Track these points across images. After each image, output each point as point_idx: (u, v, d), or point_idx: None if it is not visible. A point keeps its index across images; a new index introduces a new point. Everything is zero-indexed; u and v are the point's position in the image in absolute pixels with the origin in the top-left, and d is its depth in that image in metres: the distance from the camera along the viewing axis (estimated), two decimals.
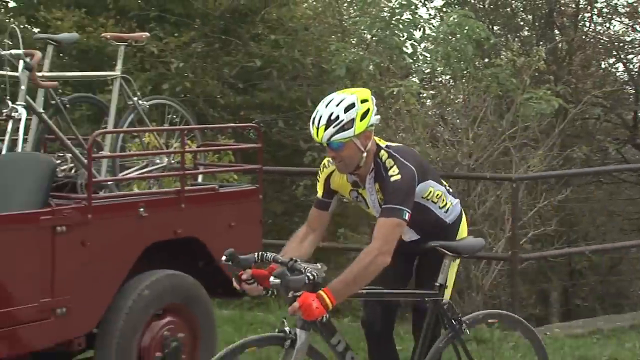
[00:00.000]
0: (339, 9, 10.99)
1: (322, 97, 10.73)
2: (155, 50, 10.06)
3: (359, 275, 3.53)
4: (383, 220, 3.63)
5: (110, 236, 4.54)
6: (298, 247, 3.84)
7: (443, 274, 3.91)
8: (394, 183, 3.68)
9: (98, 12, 10.79)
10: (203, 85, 10.42)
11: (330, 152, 3.72)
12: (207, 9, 10.89)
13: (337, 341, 3.70)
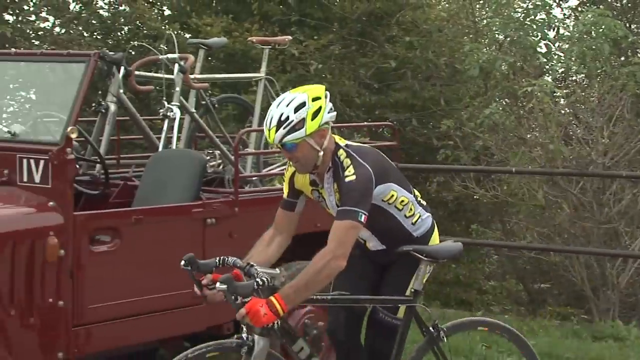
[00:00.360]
0: (473, 11, 10.81)
1: (455, 96, 10.68)
2: (295, 53, 10.20)
3: (311, 280, 3.29)
4: (337, 223, 3.37)
5: (255, 228, 4.61)
6: (264, 250, 3.57)
7: (418, 279, 3.62)
8: (349, 184, 3.41)
9: (244, 18, 11.03)
10: (340, 86, 10.48)
11: (285, 153, 3.49)
12: (344, 13, 10.96)
13: (300, 348, 3.50)
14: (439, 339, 3.70)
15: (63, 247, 3.98)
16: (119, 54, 4.98)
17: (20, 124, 4.49)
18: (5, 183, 4.13)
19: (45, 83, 4.88)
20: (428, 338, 3.69)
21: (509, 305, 9.15)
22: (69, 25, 10.31)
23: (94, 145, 4.79)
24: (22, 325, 3.88)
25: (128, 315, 4.21)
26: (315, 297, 3.47)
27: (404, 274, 3.72)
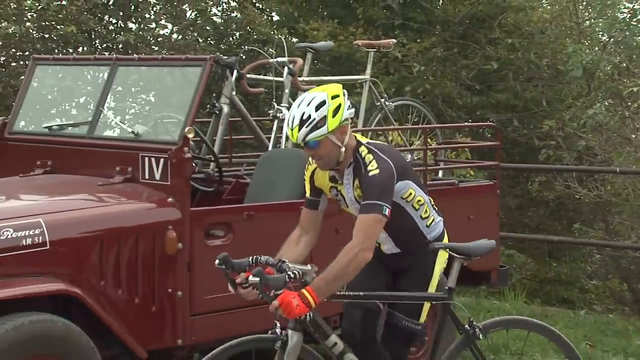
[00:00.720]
0: (576, 12, 10.51)
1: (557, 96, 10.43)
2: (398, 55, 10.16)
3: (340, 272, 3.28)
4: (363, 217, 3.36)
5: None
6: (293, 249, 3.55)
7: (452, 277, 3.52)
8: (372, 178, 3.38)
9: (349, 22, 11.06)
10: (442, 87, 10.38)
11: (308, 151, 3.46)
12: (447, 16, 10.84)
13: (333, 343, 3.42)
14: (476, 336, 3.59)
15: (181, 241, 4.08)
16: (232, 58, 5.07)
17: (142, 124, 4.63)
18: (129, 180, 4.26)
19: (164, 86, 5.01)
20: (464, 336, 3.60)
21: (613, 304, 8.85)
22: (185, 32, 10.57)
23: (208, 144, 4.89)
24: (145, 313, 4.00)
25: (239, 307, 4.28)
26: (348, 293, 3.45)
27: (418, 279, 3.64)
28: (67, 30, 9.29)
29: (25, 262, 3.70)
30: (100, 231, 3.94)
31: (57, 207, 4.01)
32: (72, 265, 3.84)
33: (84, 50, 9.93)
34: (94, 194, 4.21)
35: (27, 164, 4.65)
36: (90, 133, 4.54)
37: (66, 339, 3.59)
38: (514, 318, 4.09)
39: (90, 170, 4.42)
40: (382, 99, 6.14)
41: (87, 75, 5.27)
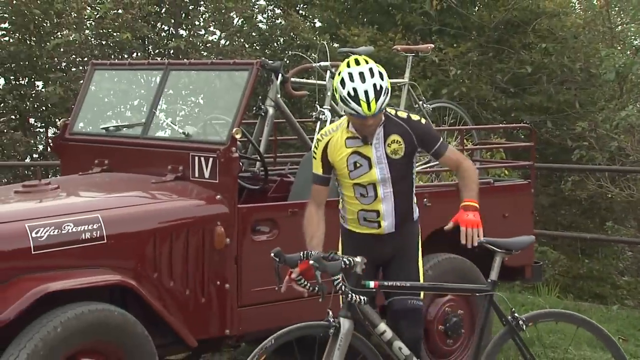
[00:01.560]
0: (609, 17, 10.33)
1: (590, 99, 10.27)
2: (436, 60, 10.09)
3: (477, 182, 3.62)
4: (449, 151, 3.64)
5: None
6: (321, 227, 3.61)
7: (494, 270, 3.53)
8: (425, 125, 3.63)
9: (388, 28, 11.02)
10: (477, 90, 10.29)
11: (369, 120, 3.46)
12: (482, 22, 10.75)
13: (383, 330, 3.43)
14: (519, 328, 3.57)
15: (229, 236, 4.11)
16: (277, 63, 5.08)
17: (192, 126, 4.66)
18: (180, 178, 4.30)
19: (213, 89, 5.04)
20: (507, 328, 3.57)
21: None
22: (232, 38, 10.63)
23: (255, 144, 4.90)
24: (195, 304, 4.04)
25: (285, 299, 4.28)
26: (394, 284, 3.50)
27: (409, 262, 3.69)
28: (123, 37, 9.41)
29: (84, 254, 3.76)
30: (153, 226, 3.98)
31: (113, 203, 4.06)
32: (127, 258, 3.88)
33: (138, 56, 10.04)
34: (147, 191, 4.25)
35: (86, 162, 4.71)
36: (143, 134, 4.59)
37: (122, 327, 3.63)
38: (558, 311, 4.06)
39: (143, 168, 4.47)
40: (420, 102, 6.10)
41: (141, 79, 5.33)
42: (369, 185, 3.62)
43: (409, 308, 3.67)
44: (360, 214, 3.69)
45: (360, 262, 3.35)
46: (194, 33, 10.41)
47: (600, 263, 9.73)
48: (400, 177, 3.64)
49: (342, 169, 3.63)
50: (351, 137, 3.61)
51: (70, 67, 9.70)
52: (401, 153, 3.60)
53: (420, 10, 10.67)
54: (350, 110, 3.47)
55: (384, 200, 3.63)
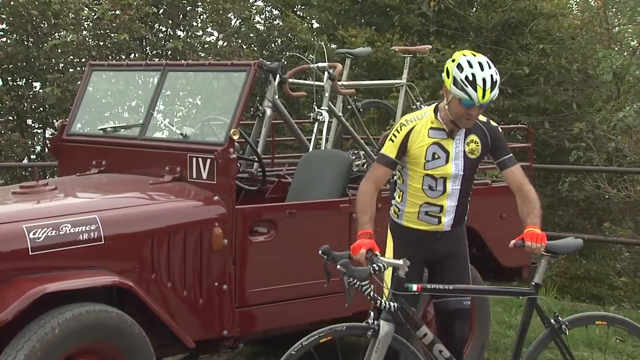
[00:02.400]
0: (606, 18, 10.35)
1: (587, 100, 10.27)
2: (433, 61, 10.10)
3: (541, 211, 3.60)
4: (516, 167, 3.66)
5: None
6: (374, 207, 3.62)
7: (539, 273, 3.53)
8: (501, 132, 3.67)
9: (385, 29, 11.02)
10: None
11: (475, 111, 3.52)
12: (480, 23, 10.75)
13: (424, 333, 3.44)
14: (561, 331, 3.58)
15: (226, 237, 4.10)
16: (275, 64, 5.08)
17: (190, 127, 4.66)
18: (177, 179, 4.29)
19: (211, 90, 5.03)
20: (550, 330, 3.58)
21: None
22: (230, 39, 10.63)
23: (252, 145, 4.90)
24: (193, 305, 4.03)
25: (282, 300, 4.29)
26: (437, 287, 3.52)
27: (461, 264, 3.74)
28: (121, 38, 9.40)
29: (82, 255, 3.75)
30: (151, 227, 3.97)
31: (111, 204, 4.05)
32: (125, 259, 3.87)
33: (136, 57, 10.04)
34: (145, 192, 4.24)
35: (84, 163, 4.71)
36: (141, 135, 4.58)
37: (120, 328, 3.62)
38: (596, 314, 4.03)
39: (141, 169, 4.46)
40: (417, 102, 6.11)
41: (138, 80, 5.32)
42: (440, 179, 3.65)
43: (463, 308, 3.73)
44: (423, 208, 3.69)
45: (403, 265, 3.33)
46: (191, 34, 10.41)
47: (598, 264, 9.74)
48: (469, 176, 3.71)
49: (418, 158, 3.64)
50: (435, 128, 3.65)
51: (67, 68, 9.70)
52: (477, 154, 3.67)
53: (418, 11, 10.67)
54: (464, 95, 3.49)
55: (450, 196, 3.67)
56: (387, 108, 6.54)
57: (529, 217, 3.57)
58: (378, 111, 9.28)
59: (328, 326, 3.35)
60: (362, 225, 3.55)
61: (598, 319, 3.80)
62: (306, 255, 4.35)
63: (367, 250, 3.39)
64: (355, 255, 3.39)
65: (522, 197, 3.63)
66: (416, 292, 3.45)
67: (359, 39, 10.41)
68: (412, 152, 3.64)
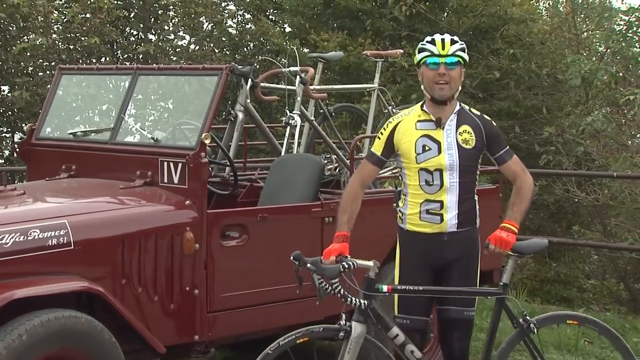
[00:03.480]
0: (575, 24, 10.49)
1: (557, 104, 10.36)
2: (405, 65, 10.14)
3: (528, 203, 3.60)
4: (514, 159, 3.63)
5: (369, 227, 4.58)
6: (357, 205, 3.64)
7: (506, 273, 3.55)
8: (496, 127, 3.65)
9: (357, 33, 11.06)
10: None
11: (443, 69, 3.53)
12: (451, 27, 10.82)
13: (395, 334, 3.45)
14: (530, 330, 3.59)
15: (198, 241, 4.08)
16: (247, 68, 5.06)
17: (161, 131, 4.63)
18: (148, 184, 4.26)
19: (182, 94, 5.01)
20: (519, 330, 3.59)
21: (610, 303, 8.81)
22: (202, 43, 10.61)
23: (224, 150, 4.89)
24: (164, 310, 4.01)
25: (254, 304, 4.28)
26: (410, 288, 3.49)
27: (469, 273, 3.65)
28: (91, 42, 9.33)
29: (51, 261, 3.71)
30: (121, 232, 3.94)
31: (81, 209, 4.01)
32: (95, 264, 3.84)
33: (107, 61, 9.97)
34: (115, 197, 4.21)
35: (53, 168, 4.66)
36: (112, 139, 4.55)
37: (89, 334, 3.59)
38: (565, 313, 4.07)
39: (112, 174, 4.43)
40: (389, 107, 6.12)
41: (109, 84, 5.29)
42: (435, 172, 3.58)
43: (464, 319, 3.65)
44: (423, 206, 3.60)
45: (373, 267, 3.33)
46: (163, 38, 10.37)
47: (567, 267, 9.84)
48: (467, 168, 3.60)
49: (409, 153, 3.61)
50: (423, 120, 3.63)
51: (37, 72, 9.61)
52: (472, 144, 3.59)
53: (390, 15, 10.72)
54: (426, 53, 3.55)
55: (449, 190, 3.57)
56: (359, 112, 6.55)
57: (511, 210, 3.57)
58: (350, 115, 9.29)
59: (299, 330, 3.36)
60: (340, 226, 3.57)
61: (569, 318, 3.81)
62: (278, 259, 4.35)
63: (338, 255, 3.40)
64: (326, 260, 3.41)
65: (515, 187, 3.64)
66: (386, 293, 3.46)
67: (331, 43, 10.44)
68: (402, 149, 3.62)
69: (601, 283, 9.59)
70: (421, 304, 3.62)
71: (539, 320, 3.63)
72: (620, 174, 7.77)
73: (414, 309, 3.62)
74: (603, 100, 9.51)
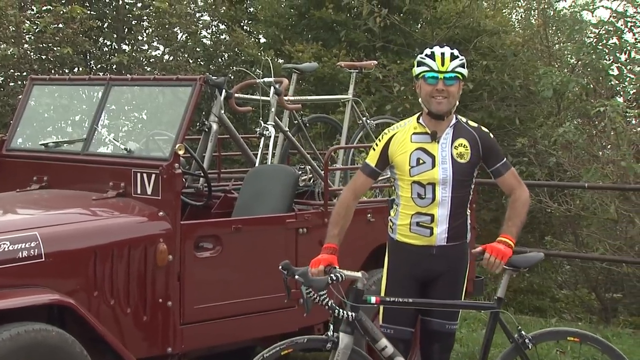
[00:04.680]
0: (547, 36, 10.61)
1: (529, 116, 10.41)
2: (379, 76, 10.19)
3: (524, 214, 3.57)
4: (510, 172, 3.61)
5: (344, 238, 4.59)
6: (349, 216, 3.61)
7: (501, 287, 3.53)
8: (493, 139, 3.63)
9: (332, 44, 11.09)
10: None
11: (440, 86, 3.49)
12: (425, 39, 10.89)
13: (384, 346, 3.43)
14: (525, 346, 3.54)
15: (171, 253, 4.06)
16: (221, 79, 5.06)
17: (134, 141, 4.60)
18: (121, 195, 4.24)
19: (156, 105, 5.00)
20: (514, 345, 3.54)
21: (581, 313, 8.88)
22: (176, 53, 10.57)
23: (198, 160, 4.87)
24: (136, 322, 3.98)
25: (228, 316, 4.26)
26: (398, 300, 3.46)
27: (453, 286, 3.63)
28: (64, 52, 9.26)
29: (22, 273, 3.67)
30: (93, 244, 3.91)
31: (52, 220, 3.97)
32: (66, 276, 3.80)
33: (80, 71, 9.90)
34: (88, 208, 4.18)
35: (24, 179, 4.61)
36: (84, 150, 4.52)
37: (60, 347, 3.55)
38: (564, 329, 3.98)
39: (84, 185, 4.40)
40: (363, 118, 6.14)
41: (82, 94, 5.25)
42: (428, 185, 3.54)
43: (445, 332, 3.63)
44: (414, 218, 3.57)
45: (362, 278, 3.31)
46: (137, 48, 10.32)
47: (540, 277, 9.90)
48: (461, 183, 3.56)
49: (402, 165, 3.57)
50: (419, 133, 3.59)
51: (8, 82, 9.51)
52: (467, 158, 3.56)
53: (364, 27, 10.77)
54: (425, 68, 3.52)
55: (440, 204, 3.54)
56: (334, 123, 6.57)
57: (506, 225, 3.53)
58: (325, 126, 9.30)
59: (289, 339, 3.35)
60: (329, 238, 3.54)
61: (571, 335, 3.71)
62: (252, 270, 4.34)
63: (326, 266, 3.38)
64: (314, 269, 3.37)
65: (510, 200, 3.61)
66: (375, 305, 3.44)
67: (306, 54, 10.45)
68: (396, 161, 3.59)
69: (573, 293, 9.66)
70: (406, 315, 3.61)
71: (535, 336, 3.58)
72: (591, 185, 7.85)
73: (399, 319, 3.61)
74: (574, 111, 9.61)
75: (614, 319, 8.06)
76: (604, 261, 8.50)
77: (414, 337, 3.73)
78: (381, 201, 5.31)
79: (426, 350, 3.70)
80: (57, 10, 9.40)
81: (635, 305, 8.94)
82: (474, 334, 6.38)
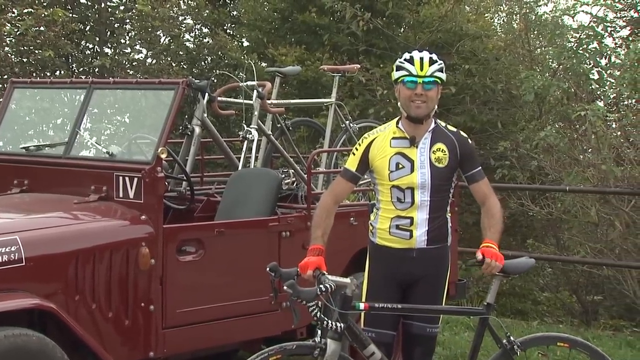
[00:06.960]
0: (528, 40, 10.68)
1: (511, 119, 10.46)
2: (363, 80, 10.21)
3: (501, 222, 3.59)
4: (483, 181, 3.63)
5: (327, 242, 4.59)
6: (330, 221, 3.62)
7: (491, 293, 3.52)
8: (472, 145, 3.66)
9: (315, 48, 11.10)
10: None
11: (419, 90, 3.51)
12: (408, 43, 10.93)
13: (371, 352, 3.42)
14: (514, 352, 3.54)
15: (153, 257, 4.04)
16: (203, 82, 5.04)
17: (117, 145, 4.59)
18: (103, 198, 4.21)
19: (138, 108, 4.97)
20: (502, 351, 3.54)
21: (563, 315, 8.93)
22: (159, 57, 10.53)
23: (181, 164, 4.85)
24: (118, 327, 3.95)
25: (211, 319, 4.25)
26: (387, 306, 3.45)
27: (434, 290, 3.64)
28: (45, 55, 9.20)
29: (2, 278, 3.63)
30: (75, 248, 3.88)
31: (33, 224, 3.95)
32: (47, 280, 3.77)
33: (62, 74, 9.84)
34: (69, 212, 4.15)
35: (4, 183, 4.58)
36: (66, 153, 4.49)
37: (40, 352, 3.52)
38: (553, 335, 3.95)
39: (66, 189, 4.37)
40: (347, 121, 6.15)
41: (64, 97, 5.22)
42: (407, 190, 3.57)
43: (426, 335, 3.64)
44: (394, 221, 3.59)
45: (350, 284, 3.29)
46: (119, 51, 10.27)
47: (522, 279, 9.95)
48: (439, 187, 3.58)
49: (382, 170, 3.59)
50: (398, 137, 3.61)
51: None
52: (445, 162, 3.58)
53: (347, 30, 10.79)
54: (403, 72, 3.53)
55: (419, 208, 3.56)
56: (317, 127, 6.57)
57: (489, 231, 3.54)
58: (308, 130, 9.28)
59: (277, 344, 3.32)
60: (314, 239, 3.54)
61: (560, 341, 3.71)
62: (235, 274, 4.33)
63: (315, 270, 3.36)
64: (304, 274, 3.36)
65: (485, 210, 3.61)
66: (363, 311, 3.43)
67: (289, 57, 10.45)
68: (375, 165, 3.60)
69: (555, 295, 9.72)
70: (388, 318, 3.60)
71: (524, 342, 3.57)
72: (572, 188, 7.91)
73: (381, 322, 3.60)
74: (556, 115, 9.68)
75: (595, 322, 8.12)
76: (585, 264, 8.56)
77: (396, 340, 3.73)
78: (364, 205, 5.31)
79: (408, 354, 3.70)
80: (39, 13, 9.33)
81: (616, 307, 9.01)
82: (456, 337, 6.40)
